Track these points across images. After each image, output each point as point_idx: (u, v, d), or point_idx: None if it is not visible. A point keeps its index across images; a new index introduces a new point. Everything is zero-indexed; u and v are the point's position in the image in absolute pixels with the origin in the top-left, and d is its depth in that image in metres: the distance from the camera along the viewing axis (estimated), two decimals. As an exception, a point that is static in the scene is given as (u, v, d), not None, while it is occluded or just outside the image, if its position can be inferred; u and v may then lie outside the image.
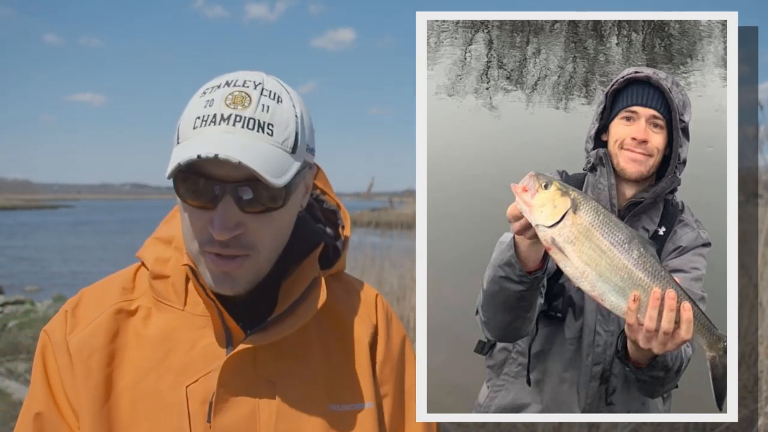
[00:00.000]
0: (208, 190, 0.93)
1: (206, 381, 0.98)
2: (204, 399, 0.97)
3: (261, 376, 1.00)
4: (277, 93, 0.98)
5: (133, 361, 1.00)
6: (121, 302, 1.04)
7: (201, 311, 1.02)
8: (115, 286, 1.06)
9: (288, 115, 0.97)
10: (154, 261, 1.05)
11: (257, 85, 0.96)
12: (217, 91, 0.96)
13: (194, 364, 0.99)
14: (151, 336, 1.01)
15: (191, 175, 0.93)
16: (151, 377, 0.99)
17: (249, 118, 0.93)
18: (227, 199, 0.93)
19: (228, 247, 0.94)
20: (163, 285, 1.04)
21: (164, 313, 1.03)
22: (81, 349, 0.99)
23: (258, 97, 0.95)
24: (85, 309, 1.04)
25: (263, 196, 0.94)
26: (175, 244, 1.06)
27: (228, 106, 0.94)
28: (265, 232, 0.97)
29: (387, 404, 1.10)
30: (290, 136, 0.97)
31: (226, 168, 0.91)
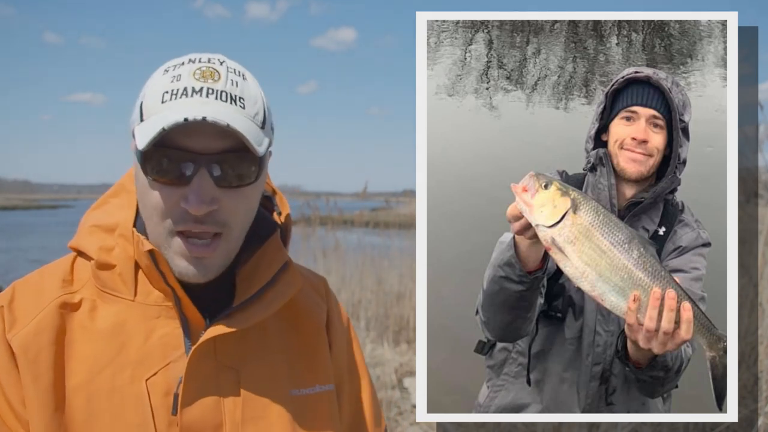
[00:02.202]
0: (181, 164, 0.90)
1: (166, 372, 0.94)
2: (166, 391, 0.93)
3: (223, 364, 0.97)
4: (240, 71, 0.97)
5: (84, 357, 0.94)
6: (63, 295, 0.96)
7: (153, 300, 0.97)
8: (54, 278, 0.99)
9: (255, 91, 0.97)
10: (98, 250, 0.99)
11: (222, 62, 0.96)
12: (182, 68, 0.94)
13: (151, 355, 0.95)
14: (102, 329, 0.95)
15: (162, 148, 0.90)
16: (106, 373, 0.93)
17: (221, 91, 0.92)
18: (202, 173, 0.90)
19: (203, 223, 0.91)
20: (108, 275, 0.98)
21: (112, 305, 0.97)
22: (26, 348, 0.92)
23: (225, 73, 0.95)
24: (23, 303, 0.96)
25: (237, 171, 0.92)
26: (119, 232, 0.99)
27: (198, 80, 0.92)
28: (238, 208, 0.95)
29: (343, 385, 1.11)
30: (260, 111, 0.96)
31: (201, 141, 0.90)
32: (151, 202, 0.93)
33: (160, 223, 0.93)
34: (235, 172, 0.93)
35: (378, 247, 6.78)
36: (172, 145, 0.90)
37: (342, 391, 1.11)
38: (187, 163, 0.90)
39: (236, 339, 0.98)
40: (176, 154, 0.90)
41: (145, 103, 0.94)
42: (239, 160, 0.92)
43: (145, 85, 0.97)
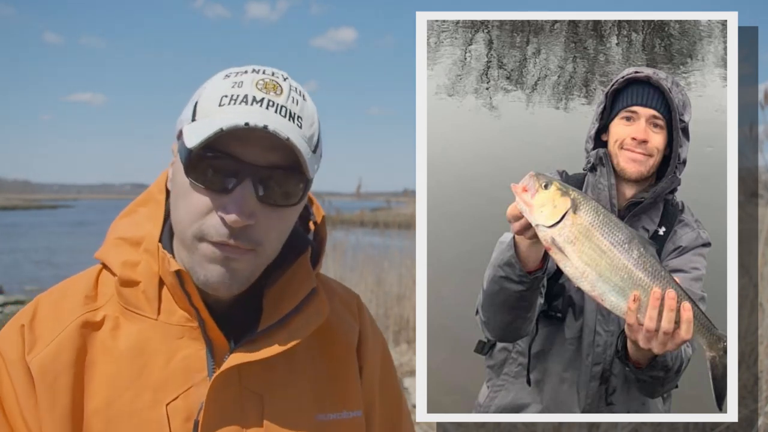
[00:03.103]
0: (228, 171, 0.86)
1: (187, 397, 0.90)
2: (187, 416, 0.89)
3: (247, 389, 0.93)
4: (301, 90, 0.94)
5: (104, 378, 0.90)
6: (85, 313, 0.93)
7: (177, 320, 0.93)
8: (77, 294, 0.95)
9: (313, 113, 0.94)
10: (122, 265, 0.94)
11: (285, 78, 0.93)
12: (245, 75, 0.90)
13: (173, 379, 0.90)
14: (123, 349, 0.91)
15: (211, 152, 0.86)
16: (127, 396, 0.89)
17: (282, 106, 0.89)
18: (246, 184, 0.86)
19: (236, 238, 0.87)
20: (132, 292, 0.93)
21: (135, 324, 0.93)
22: (45, 372, 0.88)
23: (288, 89, 0.91)
24: (45, 322, 0.92)
25: (283, 189, 0.89)
26: (144, 246, 0.95)
27: (260, 90, 0.88)
28: (274, 228, 0.91)
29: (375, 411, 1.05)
30: (315, 134, 0.93)
31: (252, 152, 0.86)
32: (187, 206, 0.89)
33: (191, 227, 0.89)
34: (281, 190, 0.89)
35: (378, 248, 6.78)
36: (222, 150, 0.86)
37: (372, 417, 1.05)
38: (235, 172, 0.87)
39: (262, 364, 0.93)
40: (225, 160, 0.86)
41: (201, 104, 0.90)
42: (287, 179, 0.89)
43: (202, 86, 0.93)
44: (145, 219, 0.99)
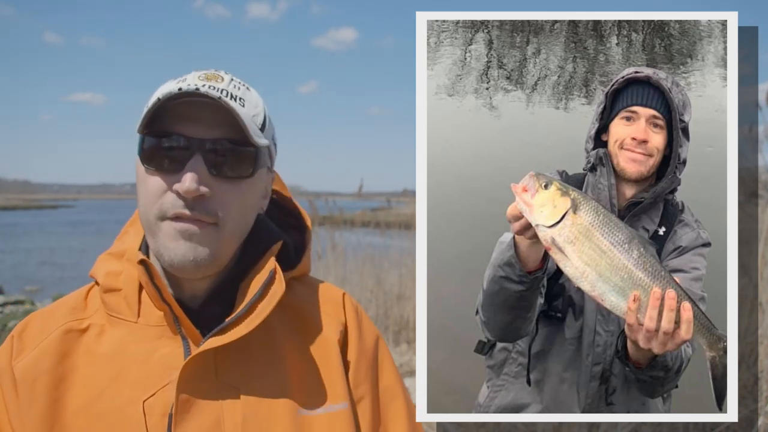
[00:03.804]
0: (176, 149, 0.91)
1: (164, 393, 0.92)
2: (163, 412, 0.91)
3: (223, 382, 0.94)
4: (245, 84, 0.99)
5: (86, 381, 0.93)
6: (70, 322, 0.98)
7: (155, 321, 0.96)
8: (64, 307, 1.01)
9: (257, 100, 0.99)
10: (105, 275, 1.00)
11: (227, 73, 0.98)
12: (188, 74, 0.97)
13: (151, 377, 0.93)
14: (104, 353, 0.95)
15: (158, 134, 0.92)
16: (106, 395, 0.92)
17: (223, 89, 0.93)
18: (197, 158, 0.91)
19: (193, 210, 0.91)
20: (114, 298, 0.98)
21: (118, 329, 0.97)
22: (25, 375, 0.93)
23: (229, 79, 0.97)
24: (32, 332, 0.98)
25: (232, 161, 0.93)
26: (126, 257, 1.00)
27: (201, 80, 0.94)
28: (232, 202, 0.94)
29: (364, 406, 1.04)
30: (260, 114, 0.98)
31: (197, 128, 0.91)
32: (145, 191, 0.93)
33: (151, 209, 0.93)
34: (231, 160, 0.93)
35: (378, 247, 6.77)
36: (169, 131, 0.92)
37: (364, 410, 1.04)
38: (184, 147, 0.91)
39: (239, 356, 0.95)
40: (172, 139, 0.91)
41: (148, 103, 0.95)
42: (235, 150, 0.93)
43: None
44: (131, 236, 1.05)
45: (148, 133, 0.93)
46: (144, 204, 0.94)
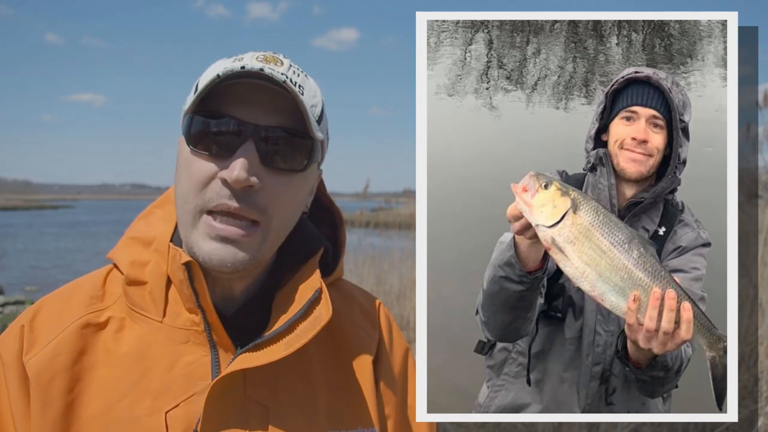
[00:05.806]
0: (228, 133, 0.83)
1: (188, 405, 0.85)
2: (186, 426, 0.84)
3: (252, 399, 0.87)
4: (304, 72, 0.91)
5: (104, 383, 0.85)
6: (88, 314, 0.89)
7: (182, 323, 0.88)
8: (82, 294, 0.91)
9: (316, 89, 0.91)
10: (130, 264, 0.90)
11: (286, 57, 0.90)
12: (245, 53, 0.88)
13: (175, 385, 0.86)
14: (125, 353, 0.87)
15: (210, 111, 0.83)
16: (125, 402, 0.84)
17: (283, 74, 0.85)
18: (249, 144, 0.83)
19: (240, 202, 0.82)
20: (139, 292, 0.89)
21: (139, 325, 0.88)
22: (41, 374, 0.84)
23: (289, 64, 0.89)
24: (45, 323, 0.88)
25: (286, 151, 0.85)
26: (155, 246, 0.91)
27: (260, 61, 0.85)
28: (281, 196, 0.86)
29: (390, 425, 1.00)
30: (318, 104, 0.90)
31: (253, 112, 0.83)
32: (188, 177, 0.85)
33: (194, 199, 0.84)
34: (286, 152, 0.85)
35: (378, 248, 6.78)
36: (223, 113, 0.84)
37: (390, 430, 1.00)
38: (237, 132, 0.83)
39: (269, 371, 0.88)
40: (226, 120, 0.83)
41: (201, 80, 0.87)
42: (291, 140, 0.86)
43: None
44: (159, 220, 0.96)
45: (197, 112, 0.85)
46: (184, 191, 0.86)
